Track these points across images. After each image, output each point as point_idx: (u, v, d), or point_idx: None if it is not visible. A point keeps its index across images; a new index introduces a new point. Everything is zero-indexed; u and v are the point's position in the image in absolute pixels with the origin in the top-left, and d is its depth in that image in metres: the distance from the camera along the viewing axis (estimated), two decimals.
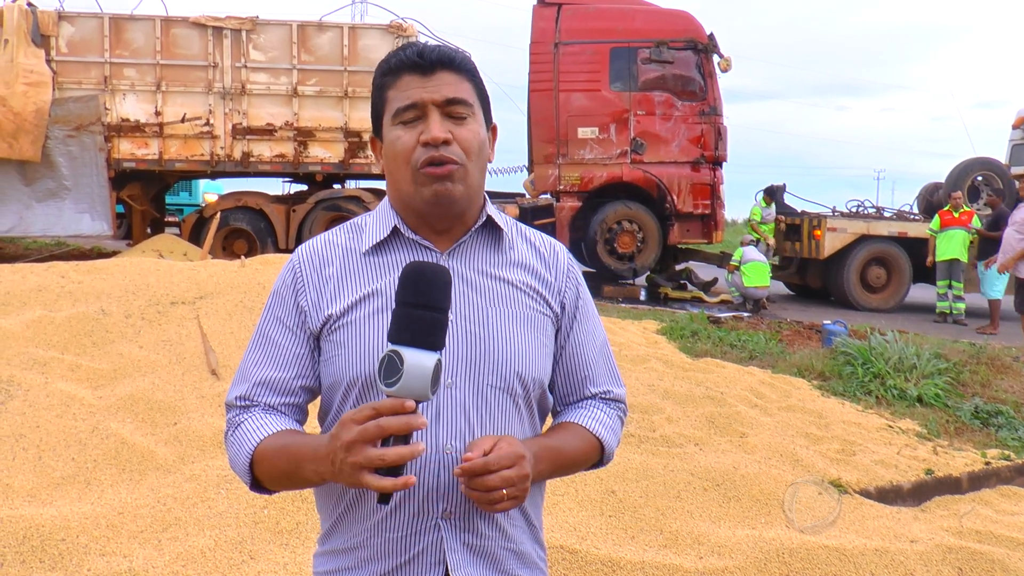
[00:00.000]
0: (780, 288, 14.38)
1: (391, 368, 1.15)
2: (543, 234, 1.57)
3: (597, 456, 1.53)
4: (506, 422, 1.41)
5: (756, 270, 11.41)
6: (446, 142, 1.36)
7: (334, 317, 1.40)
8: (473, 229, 1.45)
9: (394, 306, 1.21)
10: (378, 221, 1.47)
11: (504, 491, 1.27)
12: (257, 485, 1.41)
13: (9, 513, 3.23)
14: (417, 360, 1.15)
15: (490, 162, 1.47)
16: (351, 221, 1.52)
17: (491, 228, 1.48)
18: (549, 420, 1.59)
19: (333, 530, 1.44)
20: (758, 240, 12.93)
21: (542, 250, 1.53)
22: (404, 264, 1.40)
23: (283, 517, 3.36)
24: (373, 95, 1.45)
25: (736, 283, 11.69)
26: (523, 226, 1.56)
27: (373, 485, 1.16)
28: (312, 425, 1.49)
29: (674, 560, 3.42)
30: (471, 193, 1.42)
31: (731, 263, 11.90)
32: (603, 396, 1.57)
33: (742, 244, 11.98)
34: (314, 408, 1.50)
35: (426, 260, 1.40)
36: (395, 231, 1.44)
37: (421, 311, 1.18)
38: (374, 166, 11.90)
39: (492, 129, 1.49)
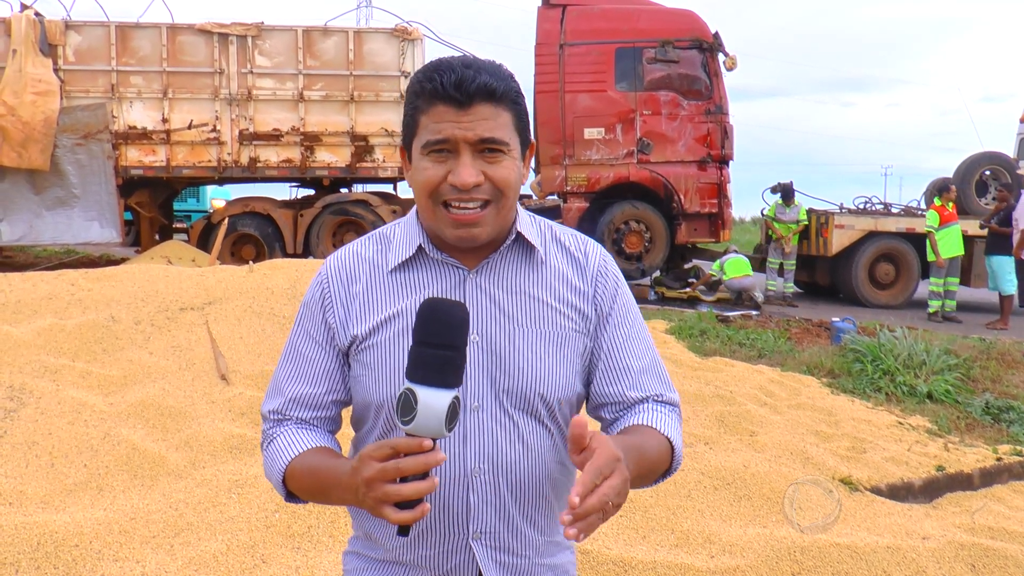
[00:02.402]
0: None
1: (406, 406, 1.15)
2: (578, 235, 1.51)
3: (669, 458, 1.40)
4: (536, 442, 1.39)
5: (734, 265, 11.77)
6: (476, 184, 1.31)
7: (360, 337, 1.39)
8: (503, 247, 1.41)
9: (411, 342, 1.19)
10: (405, 236, 1.43)
11: (606, 510, 1.15)
12: (292, 497, 1.42)
13: (23, 520, 3.25)
14: (431, 399, 1.14)
15: (523, 182, 1.41)
16: (380, 231, 1.49)
17: (523, 242, 1.43)
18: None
19: (368, 538, 1.46)
20: (771, 237, 12.98)
21: (576, 255, 1.47)
22: (430, 283, 1.38)
23: (295, 521, 3.37)
24: (405, 109, 1.38)
25: (724, 281, 11.94)
26: (557, 229, 1.49)
27: (392, 519, 1.16)
28: (347, 431, 1.51)
29: (685, 559, 3.42)
30: (499, 228, 1.37)
31: (709, 273, 12.21)
32: (656, 398, 1.46)
33: (724, 253, 12.30)
34: (346, 413, 1.52)
35: (445, 293, 1.38)
36: (421, 249, 1.41)
37: (435, 350, 1.16)
38: (381, 170, 11.92)
39: (529, 147, 1.42)
